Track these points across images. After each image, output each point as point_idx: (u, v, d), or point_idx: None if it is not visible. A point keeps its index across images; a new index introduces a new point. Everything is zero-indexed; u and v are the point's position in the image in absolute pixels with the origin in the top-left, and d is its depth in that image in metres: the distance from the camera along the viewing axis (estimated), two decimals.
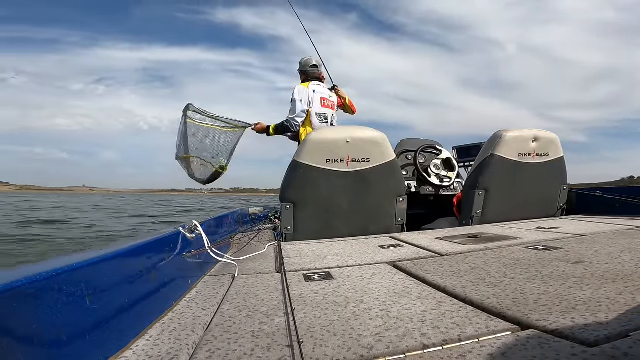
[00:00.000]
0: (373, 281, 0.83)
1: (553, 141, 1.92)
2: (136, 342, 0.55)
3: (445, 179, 2.37)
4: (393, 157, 1.71)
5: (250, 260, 1.16)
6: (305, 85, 2.42)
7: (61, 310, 0.45)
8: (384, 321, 0.59)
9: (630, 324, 0.49)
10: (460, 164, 2.65)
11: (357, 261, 1.06)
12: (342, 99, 2.61)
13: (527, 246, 1.10)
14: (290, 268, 1.01)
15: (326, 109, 2.45)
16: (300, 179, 1.64)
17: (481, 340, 0.50)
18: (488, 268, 0.87)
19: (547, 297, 0.63)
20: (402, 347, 0.49)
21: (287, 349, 0.51)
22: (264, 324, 0.61)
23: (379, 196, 1.71)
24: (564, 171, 1.99)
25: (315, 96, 2.40)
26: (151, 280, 0.70)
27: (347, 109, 2.68)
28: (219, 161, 2.37)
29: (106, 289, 0.55)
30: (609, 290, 0.64)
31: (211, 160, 2.37)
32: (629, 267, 0.79)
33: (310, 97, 2.37)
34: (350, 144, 1.63)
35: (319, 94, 2.43)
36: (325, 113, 2.44)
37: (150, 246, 0.75)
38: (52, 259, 0.52)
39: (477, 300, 0.65)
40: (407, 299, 0.69)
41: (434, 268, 0.91)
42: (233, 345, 0.53)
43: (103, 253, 0.58)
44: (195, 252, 0.96)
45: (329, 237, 1.60)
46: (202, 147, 2.39)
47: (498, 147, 1.82)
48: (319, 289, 0.79)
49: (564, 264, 0.85)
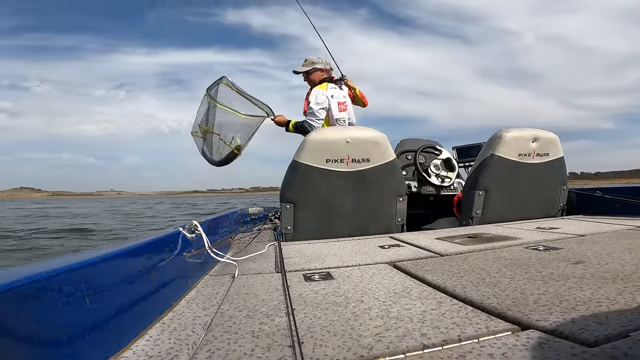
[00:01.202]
0: (373, 281, 0.83)
1: (553, 141, 1.92)
2: (136, 342, 0.55)
3: (445, 179, 2.37)
4: (393, 157, 1.71)
5: (250, 260, 1.16)
6: (323, 88, 2.37)
7: (61, 310, 0.45)
8: (384, 321, 0.59)
9: (630, 324, 0.49)
10: (460, 164, 2.65)
11: (357, 261, 1.06)
12: (352, 90, 2.54)
13: (527, 246, 1.10)
14: (290, 268, 1.01)
15: (343, 113, 2.42)
16: (300, 179, 1.64)
17: (481, 341, 0.50)
18: (488, 268, 0.87)
19: (547, 297, 0.63)
20: (402, 347, 0.49)
21: (287, 349, 0.51)
22: (264, 324, 0.61)
23: (379, 196, 1.71)
24: (564, 171, 1.99)
25: (333, 102, 2.36)
26: (151, 280, 0.70)
27: (358, 101, 2.60)
28: (235, 141, 2.32)
29: (106, 289, 0.55)
30: (609, 290, 0.64)
31: (230, 140, 2.33)
32: (629, 267, 0.79)
33: (328, 104, 2.34)
34: (350, 144, 1.63)
35: (336, 99, 2.39)
36: (343, 118, 2.41)
37: (150, 246, 0.75)
38: (52, 259, 0.52)
39: (477, 301, 0.65)
40: (407, 299, 0.69)
41: (434, 268, 0.91)
42: (233, 345, 0.53)
43: (103, 253, 0.58)
44: (195, 252, 0.96)
45: (329, 237, 1.60)
46: (223, 125, 2.35)
47: (498, 147, 1.82)
48: (319, 289, 0.79)
49: (564, 264, 0.85)
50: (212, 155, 2.40)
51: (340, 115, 2.39)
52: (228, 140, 2.32)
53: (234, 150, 2.32)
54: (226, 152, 2.34)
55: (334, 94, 2.38)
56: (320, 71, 2.45)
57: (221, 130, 2.34)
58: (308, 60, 2.49)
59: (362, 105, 2.64)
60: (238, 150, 2.33)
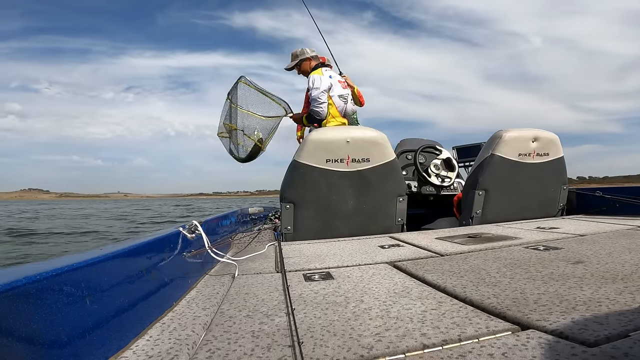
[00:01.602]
0: (373, 281, 0.83)
1: (553, 141, 1.92)
2: (136, 342, 0.55)
3: (445, 179, 2.37)
4: (393, 157, 1.71)
5: (250, 260, 1.16)
6: (318, 73, 2.37)
7: (61, 310, 0.45)
8: (384, 321, 0.59)
9: (630, 324, 0.49)
10: (460, 164, 2.65)
11: (357, 261, 1.06)
12: (351, 88, 2.55)
13: (527, 246, 1.10)
14: (290, 268, 1.01)
15: (345, 89, 2.43)
16: (301, 179, 1.64)
17: (481, 340, 0.50)
18: (488, 268, 0.87)
19: (547, 297, 0.63)
20: (402, 347, 0.49)
21: (287, 349, 0.51)
22: (264, 324, 0.61)
23: (379, 196, 1.71)
24: (564, 171, 1.99)
25: (333, 80, 2.37)
26: (151, 280, 0.70)
27: (355, 100, 2.60)
28: (258, 135, 2.43)
29: (106, 289, 0.55)
30: (609, 290, 0.64)
31: (253, 133, 2.44)
32: (629, 267, 0.79)
33: (328, 84, 2.34)
34: (350, 144, 1.63)
35: (335, 78, 2.40)
36: (347, 93, 2.42)
37: (150, 246, 0.75)
38: (52, 259, 0.52)
39: (477, 300, 0.65)
40: (407, 299, 0.69)
41: (434, 268, 0.91)
42: (233, 345, 0.53)
43: (103, 253, 0.58)
44: (195, 252, 0.96)
45: (329, 237, 1.60)
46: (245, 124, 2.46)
47: (498, 147, 1.82)
48: (319, 289, 0.79)
49: (564, 264, 0.85)
50: (239, 153, 2.52)
51: (343, 92, 2.40)
52: (251, 134, 2.44)
53: (257, 144, 2.42)
54: (251, 146, 2.45)
55: (331, 74, 2.40)
56: (308, 60, 2.46)
57: (244, 127, 2.46)
58: (293, 54, 2.52)
59: (359, 105, 2.64)
60: (261, 144, 2.43)
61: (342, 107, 2.38)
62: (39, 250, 6.08)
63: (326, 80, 2.33)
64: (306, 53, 2.46)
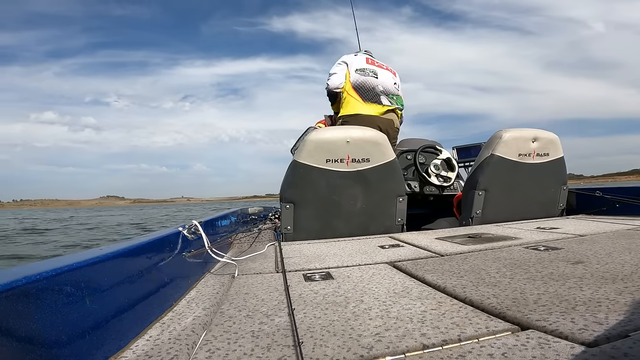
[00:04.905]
0: (373, 281, 0.83)
1: (553, 141, 1.92)
2: (136, 342, 0.55)
3: (445, 179, 2.37)
4: (393, 157, 1.71)
5: (250, 260, 1.16)
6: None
7: (61, 310, 0.45)
8: (384, 321, 0.59)
9: (630, 324, 0.49)
10: (460, 164, 2.65)
11: (357, 261, 1.06)
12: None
13: (527, 246, 1.10)
14: (290, 268, 1.01)
15: (371, 65, 2.29)
16: (300, 179, 1.64)
17: (481, 341, 0.50)
18: (488, 268, 0.87)
19: (547, 297, 0.63)
20: (401, 347, 0.49)
21: (287, 349, 0.51)
22: (264, 324, 0.61)
23: (379, 196, 1.71)
24: (564, 171, 1.99)
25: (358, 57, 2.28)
26: (151, 280, 0.70)
27: None
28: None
29: (106, 289, 0.55)
30: (609, 290, 0.64)
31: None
32: (629, 267, 0.79)
33: (345, 60, 2.28)
34: (350, 144, 1.63)
35: (364, 56, 2.31)
36: (370, 69, 2.25)
37: (150, 246, 0.75)
38: (52, 259, 0.52)
39: (477, 301, 0.65)
40: (407, 299, 0.69)
41: (433, 268, 0.91)
42: (233, 345, 0.53)
43: (103, 253, 0.58)
44: (195, 252, 0.96)
45: (329, 237, 1.60)
46: None
47: (498, 147, 1.82)
48: (319, 289, 0.79)
49: (563, 264, 0.85)
50: None
51: (366, 66, 2.27)
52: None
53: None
54: None
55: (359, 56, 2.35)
56: None
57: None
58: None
59: None
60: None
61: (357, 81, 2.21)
62: None
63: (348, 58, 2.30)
64: None
